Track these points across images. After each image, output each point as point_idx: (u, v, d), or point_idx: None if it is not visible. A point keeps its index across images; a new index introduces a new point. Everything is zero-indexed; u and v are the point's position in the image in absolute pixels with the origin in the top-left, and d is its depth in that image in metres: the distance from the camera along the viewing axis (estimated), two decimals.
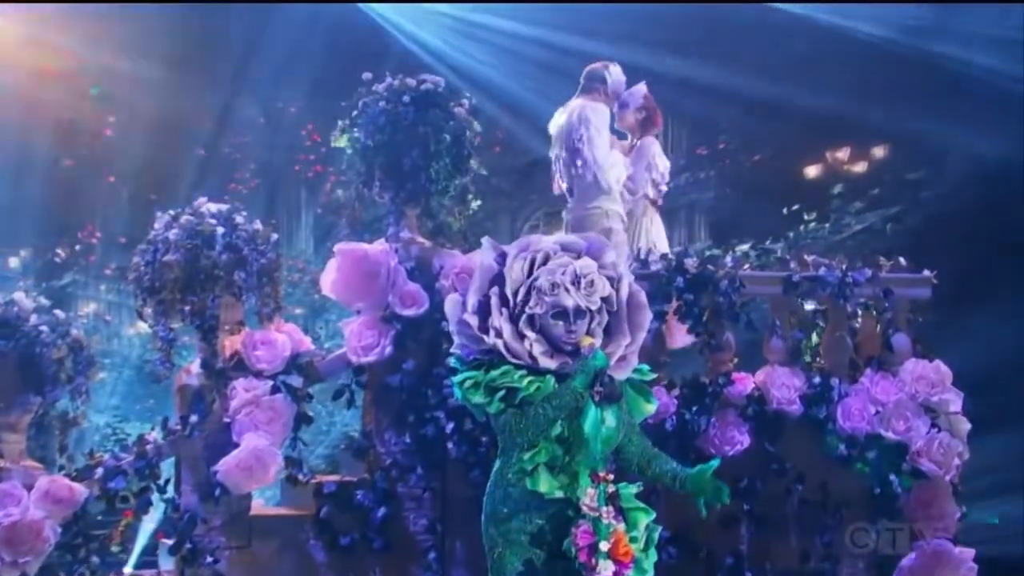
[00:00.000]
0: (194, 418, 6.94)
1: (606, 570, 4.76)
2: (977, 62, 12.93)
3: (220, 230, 6.96)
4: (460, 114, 7.35)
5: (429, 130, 7.26)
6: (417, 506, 7.15)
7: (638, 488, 5.05)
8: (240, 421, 6.87)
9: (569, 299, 4.79)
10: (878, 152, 15.20)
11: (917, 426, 7.33)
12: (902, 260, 7.72)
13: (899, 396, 7.38)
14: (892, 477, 7.34)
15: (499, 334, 4.81)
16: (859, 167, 15.37)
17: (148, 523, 7.60)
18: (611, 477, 4.90)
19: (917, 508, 7.36)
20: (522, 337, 4.81)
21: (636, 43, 12.75)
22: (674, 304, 7.36)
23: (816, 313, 7.84)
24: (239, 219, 7.08)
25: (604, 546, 4.78)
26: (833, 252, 8.83)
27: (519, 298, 4.83)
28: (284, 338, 7.10)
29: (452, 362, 5.01)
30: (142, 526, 7.61)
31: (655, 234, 8.28)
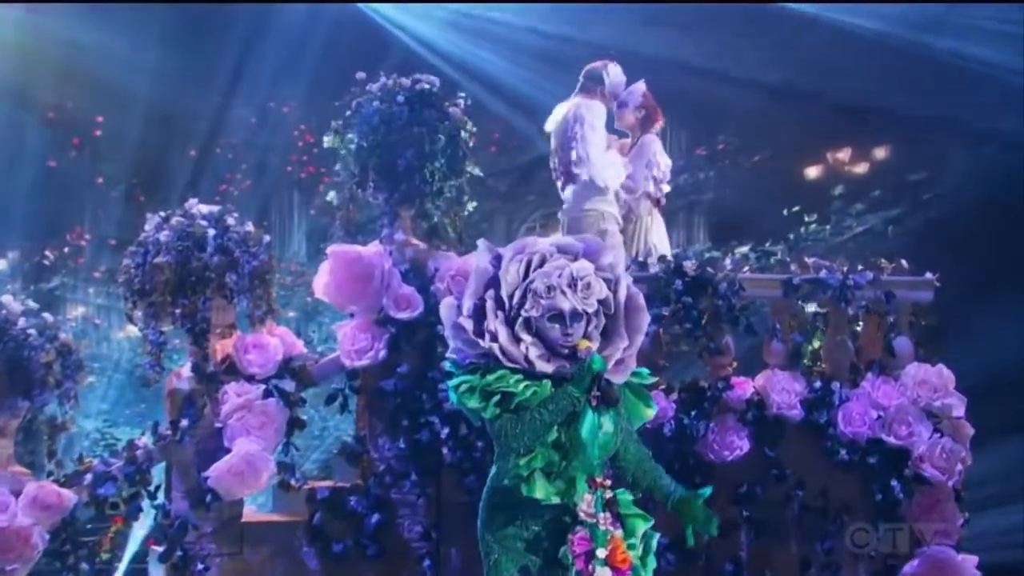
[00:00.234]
0: (185, 423, 6.93)
1: None
2: (980, 58, 12.92)
3: (211, 232, 6.96)
4: (455, 114, 7.36)
5: (424, 130, 7.26)
6: (411, 512, 7.14)
7: (635, 495, 5.06)
8: (232, 426, 6.86)
9: (565, 302, 4.79)
10: (879, 153, 15.23)
11: (919, 431, 7.34)
12: (904, 262, 7.74)
13: (901, 401, 7.39)
14: (894, 483, 7.35)
15: (495, 338, 4.81)
16: (860, 168, 15.41)
17: (138, 530, 7.60)
18: (608, 483, 4.90)
19: (919, 514, 7.37)
20: (518, 341, 4.81)
21: (635, 41, 12.78)
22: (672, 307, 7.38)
23: (817, 316, 7.86)
24: (231, 221, 7.07)
25: (601, 553, 4.78)
26: (834, 254, 8.84)
27: (515, 301, 4.83)
28: (276, 341, 7.09)
29: (447, 366, 5.01)
30: (132, 533, 7.61)
31: (656, 235, 8.30)
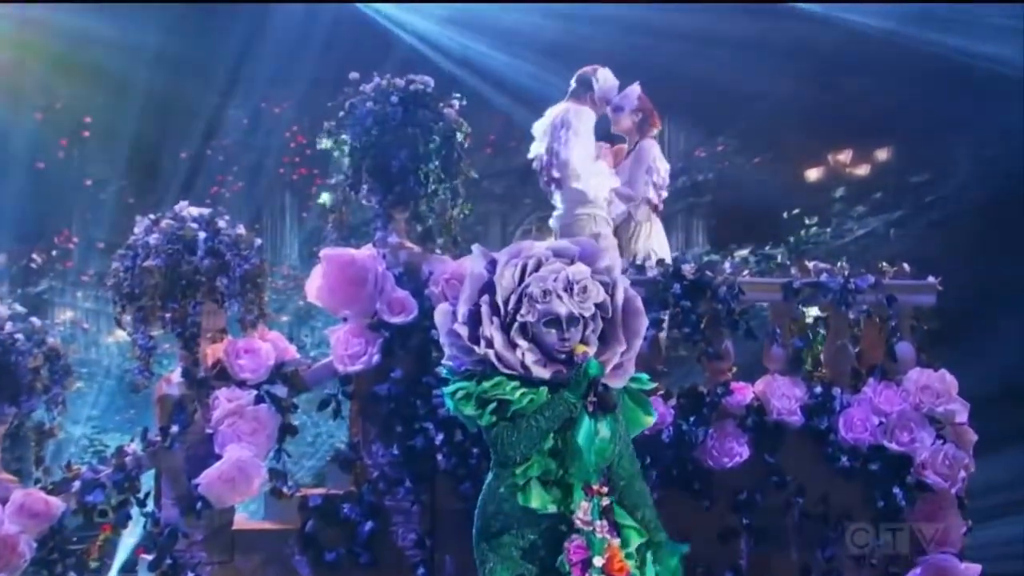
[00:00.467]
0: (175, 429, 6.92)
1: None
2: (986, 55, 12.88)
3: (202, 235, 6.96)
4: (450, 115, 7.36)
5: (418, 131, 7.27)
6: (405, 520, 7.14)
7: None
8: (223, 432, 6.86)
9: (562, 306, 4.79)
10: (881, 154, 15.24)
11: (922, 437, 7.35)
12: (906, 266, 7.74)
13: (903, 406, 7.39)
14: (896, 490, 7.36)
15: (490, 344, 4.81)
16: (862, 170, 15.42)
17: (127, 538, 7.59)
18: (605, 490, 4.90)
19: (922, 522, 7.37)
20: (514, 346, 4.81)
21: (635, 38, 12.79)
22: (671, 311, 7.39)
23: (817, 321, 7.86)
24: (221, 223, 7.07)
25: (598, 561, 4.78)
26: (835, 257, 8.86)
27: (510, 306, 4.82)
28: (268, 346, 7.09)
29: (443, 372, 5.01)
30: (121, 541, 7.60)
31: (655, 241, 8.31)
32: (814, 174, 15.63)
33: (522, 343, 4.81)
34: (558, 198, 8.13)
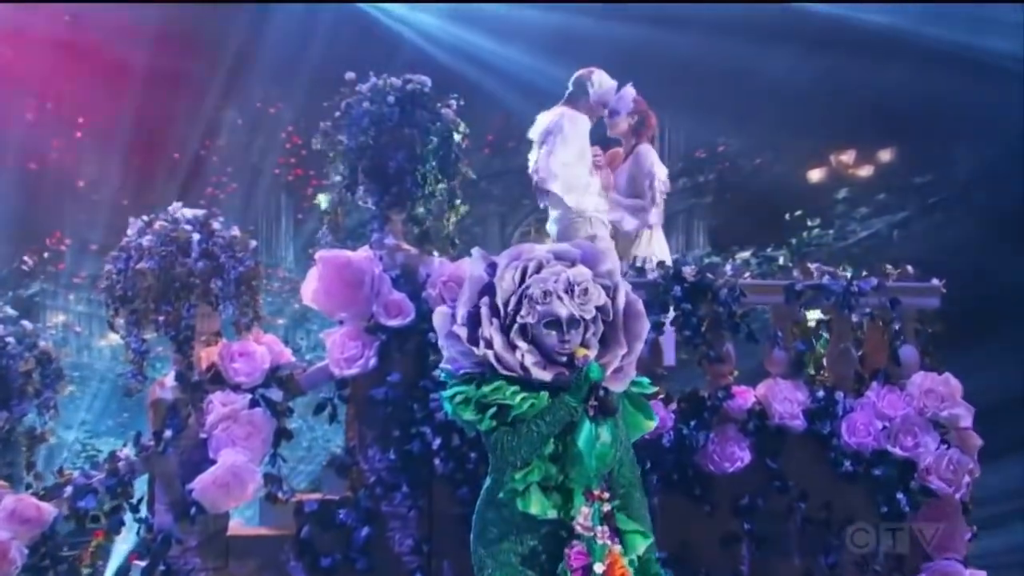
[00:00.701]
0: (168, 433, 6.92)
1: None
2: (994, 51, 12.84)
3: (196, 236, 6.96)
4: (447, 115, 7.36)
5: (415, 132, 7.27)
6: (402, 526, 7.14)
7: None
8: (217, 437, 6.86)
9: (562, 308, 4.79)
10: (884, 155, 15.24)
11: (926, 442, 7.35)
12: (910, 268, 7.74)
13: (907, 411, 7.39)
14: (899, 495, 7.36)
15: (489, 345, 4.80)
16: (865, 171, 15.41)
17: (120, 544, 7.59)
18: (606, 495, 4.89)
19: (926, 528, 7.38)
20: (513, 347, 4.80)
21: (634, 30, 12.80)
22: (671, 314, 7.38)
23: (820, 324, 7.86)
24: (216, 225, 7.08)
25: (599, 568, 4.77)
26: (837, 260, 8.89)
27: (510, 308, 4.82)
28: (263, 349, 7.09)
29: (442, 376, 5.01)
30: (114, 547, 7.60)
31: (656, 246, 8.31)
32: (816, 175, 15.63)
33: (522, 344, 4.80)
34: (549, 203, 8.14)
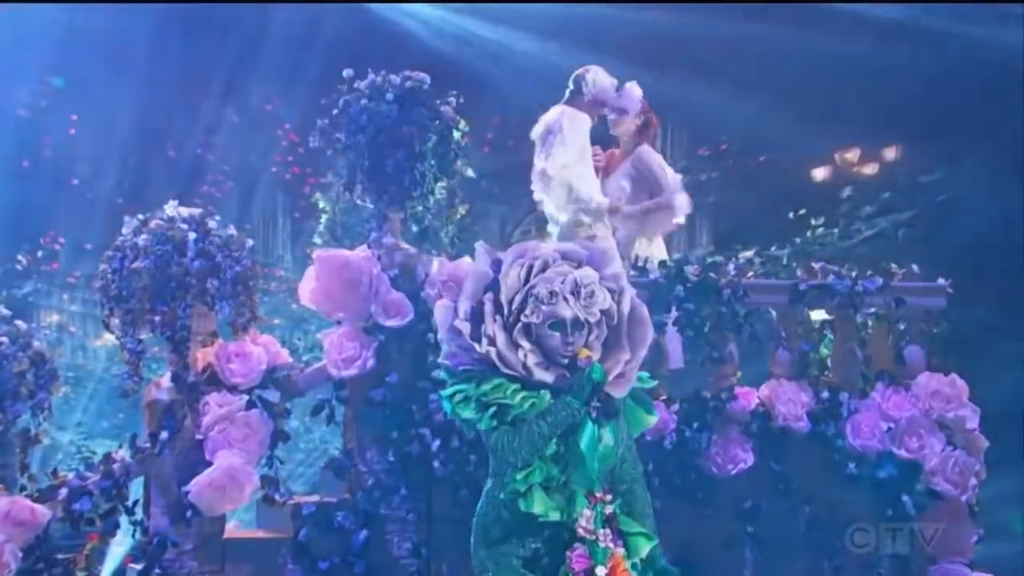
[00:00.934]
0: (164, 435, 6.93)
1: None
2: (1004, 44, 12.79)
3: (192, 235, 6.96)
4: (447, 113, 7.36)
5: (414, 130, 7.27)
6: (401, 528, 7.14)
7: None
8: (213, 438, 6.87)
9: (567, 309, 4.80)
10: (890, 153, 15.21)
11: (931, 444, 7.35)
12: (915, 268, 7.75)
13: (912, 412, 7.40)
14: (905, 497, 7.36)
15: (492, 342, 4.81)
16: (870, 169, 15.39)
17: (116, 547, 7.59)
18: (608, 498, 4.90)
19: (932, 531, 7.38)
20: (516, 347, 4.81)
21: (636, 28, 12.79)
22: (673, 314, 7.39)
23: (824, 324, 7.87)
24: (212, 224, 7.08)
25: (601, 571, 4.77)
26: (842, 259, 8.86)
27: (515, 306, 4.84)
28: (260, 350, 7.09)
29: (442, 374, 5.02)
30: (109, 550, 7.60)
31: (656, 248, 8.33)
32: (821, 173, 15.60)
33: (525, 344, 4.81)
34: (548, 204, 8.13)
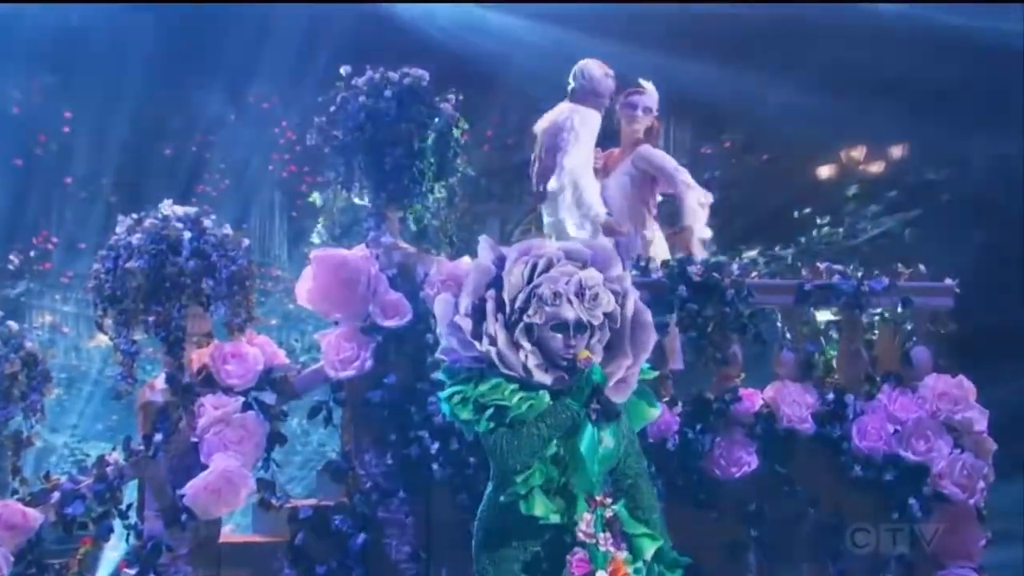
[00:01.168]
0: (159, 437, 6.92)
1: None
2: (1008, 37, 12.75)
3: (187, 235, 6.96)
4: (446, 110, 7.36)
5: (412, 127, 7.27)
6: (400, 532, 7.14)
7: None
8: (208, 441, 6.86)
9: (571, 311, 4.80)
10: (896, 151, 15.21)
11: (939, 446, 7.34)
12: (922, 267, 7.74)
13: (919, 414, 7.39)
14: (912, 501, 7.35)
15: (493, 341, 4.81)
16: (876, 167, 15.39)
17: (109, 551, 7.59)
18: (609, 501, 4.89)
19: (939, 534, 7.37)
20: (517, 347, 4.81)
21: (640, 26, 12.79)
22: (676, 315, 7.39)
23: (830, 324, 7.86)
24: (207, 223, 7.07)
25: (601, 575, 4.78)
26: (848, 259, 8.87)
27: (517, 305, 4.83)
28: (256, 351, 7.09)
29: (441, 375, 5.02)
30: (102, 555, 7.60)
31: (658, 246, 8.33)
32: (826, 171, 15.60)
33: (526, 345, 4.81)
34: (555, 202, 8.12)
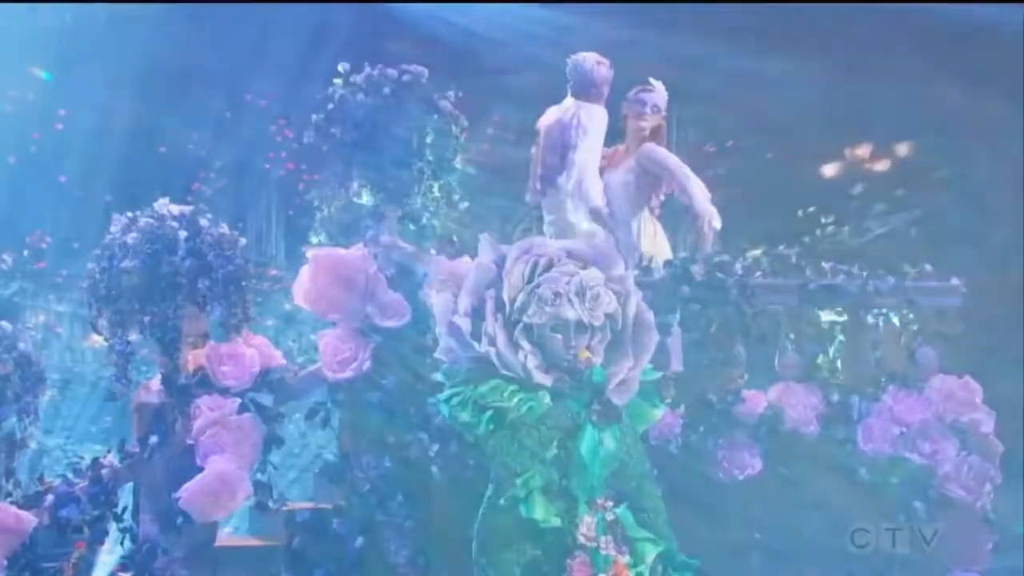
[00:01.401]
0: (154, 439, 6.93)
1: None
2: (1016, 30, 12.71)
3: (183, 234, 6.97)
4: (445, 107, 7.37)
5: (411, 125, 7.28)
6: (398, 536, 7.13)
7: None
8: (204, 443, 6.86)
9: (571, 312, 4.80)
10: (902, 148, 15.20)
11: (945, 448, 7.35)
12: (928, 267, 7.75)
13: (925, 415, 7.39)
14: (917, 504, 7.36)
15: (492, 342, 4.81)
16: (881, 165, 15.37)
17: (104, 555, 7.60)
18: (610, 504, 4.90)
19: (945, 538, 7.37)
20: (517, 348, 4.81)
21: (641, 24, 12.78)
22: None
23: (834, 325, 7.87)
24: (203, 222, 7.08)
25: None
26: (853, 258, 8.85)
27: (517, 305, 4.83)
28: (253, 352, 7.09)
29: (439, 376, 5.02)
30: (97, 558, 7.61)
31: (659, 242, 8.33)
32: (830, 170, 15.58)
33: (525, 345, 4.81)
34: (550, 197, 8.11)
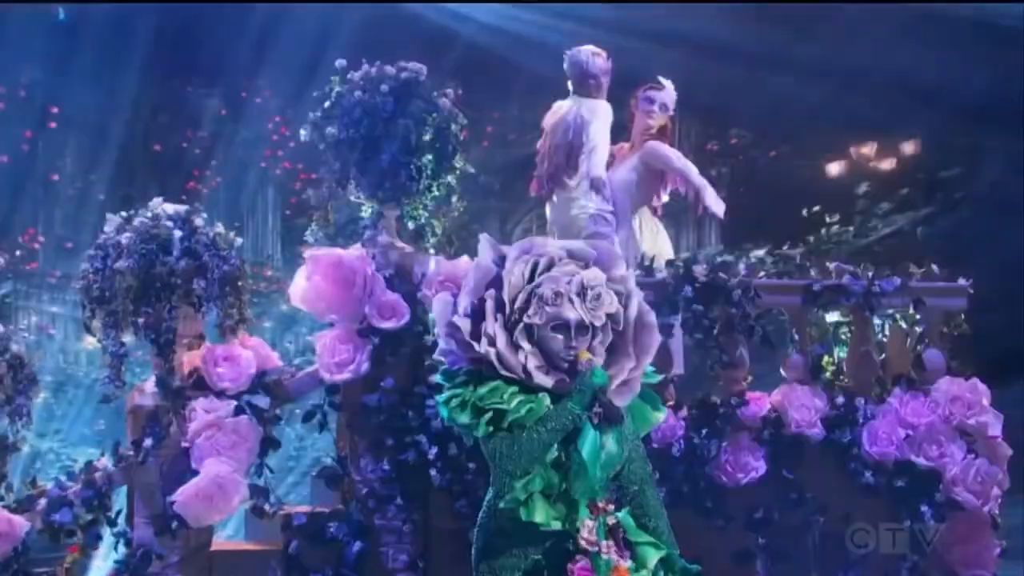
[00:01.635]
0: (148, 442, 6.93)
1: None
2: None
3: (178, 233, 6.96)
4: (444, 106, 7.37)
5: (410, 123, 7.27)
6: (397, 540, 7.14)
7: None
8: (200, 446, 6.86)
9: (572, 311, 4.79)
10: (908, 147, 15.23)
11: (952, 451, 7.34)
12: (935, 267, 7.75)
13: (931, 418, 7.39)
14: (924, 508, 7.35)
15: (492, 342, 4.81)
16: (887, 164, 15.41)
17: (97, 560, 7.60)
18: (611, 507, 4.89)
19: (952, 543, 7.37)
20: (517, 348, 4.81)
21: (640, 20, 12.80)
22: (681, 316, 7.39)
23: (839, 326, 7.87)
24: (199, 221, 7.08)
25: None
26: (858, 258, 8.87)
27: (517, 305, 4.83)
28: (249, 353, 7.10)
29: (438, 378, 5.02)
30: (91, 563, 7.61)
31: (661, 242, 8.34)
32: (835, 169, 15.62)
33: (526, 346, 4.81)
34: (554, 196, 8.09)
